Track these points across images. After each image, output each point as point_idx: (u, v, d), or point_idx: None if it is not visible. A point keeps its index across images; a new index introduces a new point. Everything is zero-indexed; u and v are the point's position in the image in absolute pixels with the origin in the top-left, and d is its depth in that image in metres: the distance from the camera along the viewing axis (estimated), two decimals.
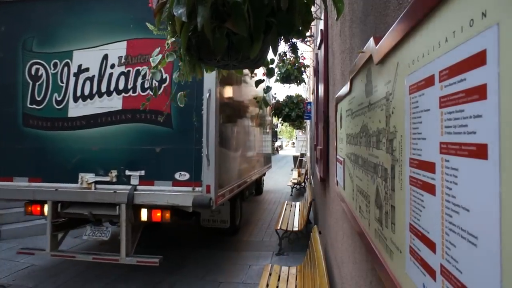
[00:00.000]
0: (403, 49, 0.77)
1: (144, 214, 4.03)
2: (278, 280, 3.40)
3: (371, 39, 1.05)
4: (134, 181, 4.01)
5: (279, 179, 14.25)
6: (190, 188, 3.90)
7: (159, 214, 3.99)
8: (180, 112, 3.83)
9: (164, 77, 3.99)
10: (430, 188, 0.62)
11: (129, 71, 4.16)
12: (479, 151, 0.44)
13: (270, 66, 1.62)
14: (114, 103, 4.16)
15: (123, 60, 4.17)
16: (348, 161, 1.69)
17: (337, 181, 2.21)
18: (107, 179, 4.05)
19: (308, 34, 6.56)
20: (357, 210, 1.41)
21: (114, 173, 4.04)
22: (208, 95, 3.88)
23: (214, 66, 1.35)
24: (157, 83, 3.96)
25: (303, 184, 10.88)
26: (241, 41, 1.04)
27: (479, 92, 0.44)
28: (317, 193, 5.39)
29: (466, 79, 0.47)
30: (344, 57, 2.08)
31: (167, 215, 3.97)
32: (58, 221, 4.29)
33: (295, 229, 5.22)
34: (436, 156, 0.59)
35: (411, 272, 0.72)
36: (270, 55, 1.40)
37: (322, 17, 3.48)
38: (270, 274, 3.51)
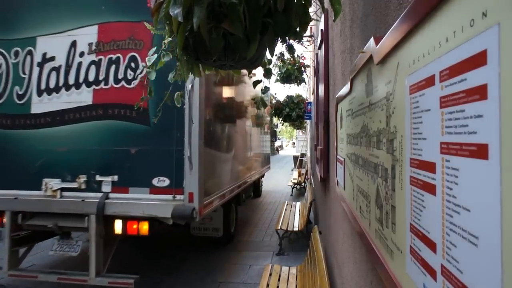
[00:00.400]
0: (404, 49, 0.77)
1: (118, 226, 3.48)
2: (279, 280, 3.40)
3: (372, 39, 1.05)
4: (106, 188, 3.51)
5: (279, 179, 14.25)
6: (170, 196, 3.39)
7: (135, 226, 3.46)
8: (159, 107, 3.39)
9: (140, 66, 3.55)
10: (430, 188, 0.62)
11: (100, 59, 3.64)
12: (480, 151, 0.44)
13: (268, 66, 1.62)
14: (84, 97, 3.65)
15: (93, 47, 3.66)
16: (348, 161, 1.69)
17: (337, 181, 2.21)
18: (74, 185, 3.53)
19: (308, 34, 6.58)
20: (358, 210, 1.41)
21: (82, 178, 3.53)
22: (190, 86, 3.36)
23: (211, 66, 1.35)
24: (132, 74, 3.53)
25: (303, 184, 10.88)
26: (237, 41, 1.04)
27: (480, 92, 0.44)
28: (318, 193, 5.39)
29: (467, 79, 0.47)
30: (345, 57, 2.08)
31: (145, 227, 3.45)
32: (20, 234, 3.76)
33: (296, 229, 5.22)
34: (436, 156, 0.59)
35: (412, 272, 0.72)
36: (269, 56, 1.40)
37: (322, 18, 3.47)
38: (270, 274, 3.51)
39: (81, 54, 3.69)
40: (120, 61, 3.61)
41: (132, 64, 3.57)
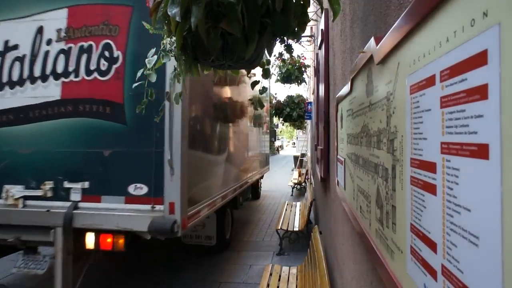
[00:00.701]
0: (404, 49, 0.77)
1: (90, 241, 3.04)
2: (279, 280, 3.40)
3: (372, 39, 1.05)
4: (75, 196, 3.08)
5: (280, 179, 14.26)
6: (148, 207, 2.97)
7: (109, 240, 3.01)
8: (136, 103, 2.99)
9: (115, 55, 3.13)
10: (431, 188, 0.62)
11: (70, 48, 3.21)
12: (481, 151, 0.44)
13: (266, 67, 1.62)
14: (51, 91, 3.21)
15: (62, 34, 3.23)
16: (348, 161, 1.69)
17: (337, 181, 2.21)
18: (39, 193, 3.10)
19: (308, 34, 6.58)
20: (358, 210, 1.41)
21: (48, 185, 3.10)
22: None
23: (210, 66, 1.35)
24: (106, 64, 3.13)
25: (303, 184, 10.88)
26: (235, 41, 1.04)
27: (480, 92, 0.44)
28: (318, 193, 5.39)
29: (467, 79, 0.47)
30: (345, 57, 2.08)
31: (121, 241, 3.00)
32: None
33: (296, 229, 5.22)
34: (437, 156, 0.59)
35: (412, 272, 0.72)
36: (268, 56, 1.40)
37: (323, 18, 3.47)
38: (270, 274, 3.51)
39: (49, 42, 3.26)
40: (93, 49, 3.19)
41: (106, 53, 3.16)
